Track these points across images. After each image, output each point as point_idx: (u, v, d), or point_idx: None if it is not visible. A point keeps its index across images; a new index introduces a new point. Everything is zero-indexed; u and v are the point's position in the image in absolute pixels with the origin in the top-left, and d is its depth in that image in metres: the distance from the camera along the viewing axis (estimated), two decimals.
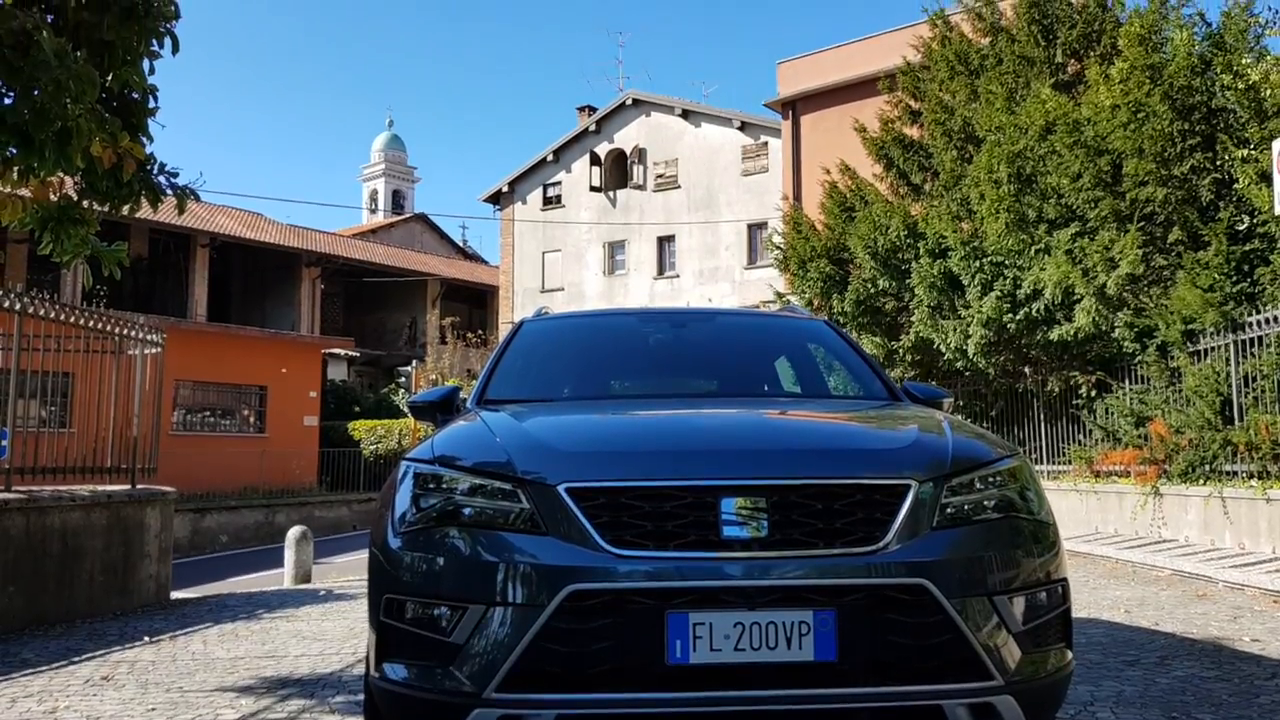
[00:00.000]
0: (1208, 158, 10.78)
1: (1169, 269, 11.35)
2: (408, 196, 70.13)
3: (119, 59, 4.40)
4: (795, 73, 24.70)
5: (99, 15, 4.26)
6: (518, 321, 4.63)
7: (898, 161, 16.21)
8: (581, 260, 32.55)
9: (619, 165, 32.08)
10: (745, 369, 4.41)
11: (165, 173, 5.02)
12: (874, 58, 21.51)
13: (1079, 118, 11.82)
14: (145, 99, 4.74)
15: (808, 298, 15.88)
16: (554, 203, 33.50)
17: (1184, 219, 11.04)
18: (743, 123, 28.89)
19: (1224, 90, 10.64)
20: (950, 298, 13.64)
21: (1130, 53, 11.32)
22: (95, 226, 5.09)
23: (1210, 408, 9.99)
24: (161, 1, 4.66)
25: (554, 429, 2.99)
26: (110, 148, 4.28)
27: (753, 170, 28.64)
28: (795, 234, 16.58)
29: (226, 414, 25.95)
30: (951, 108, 15.10)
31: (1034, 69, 14.22)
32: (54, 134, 3.96)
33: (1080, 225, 11.96)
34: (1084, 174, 11.72)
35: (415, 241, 48.25)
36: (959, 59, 15.36)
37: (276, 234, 34.81)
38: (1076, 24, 14.13)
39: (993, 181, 12.85)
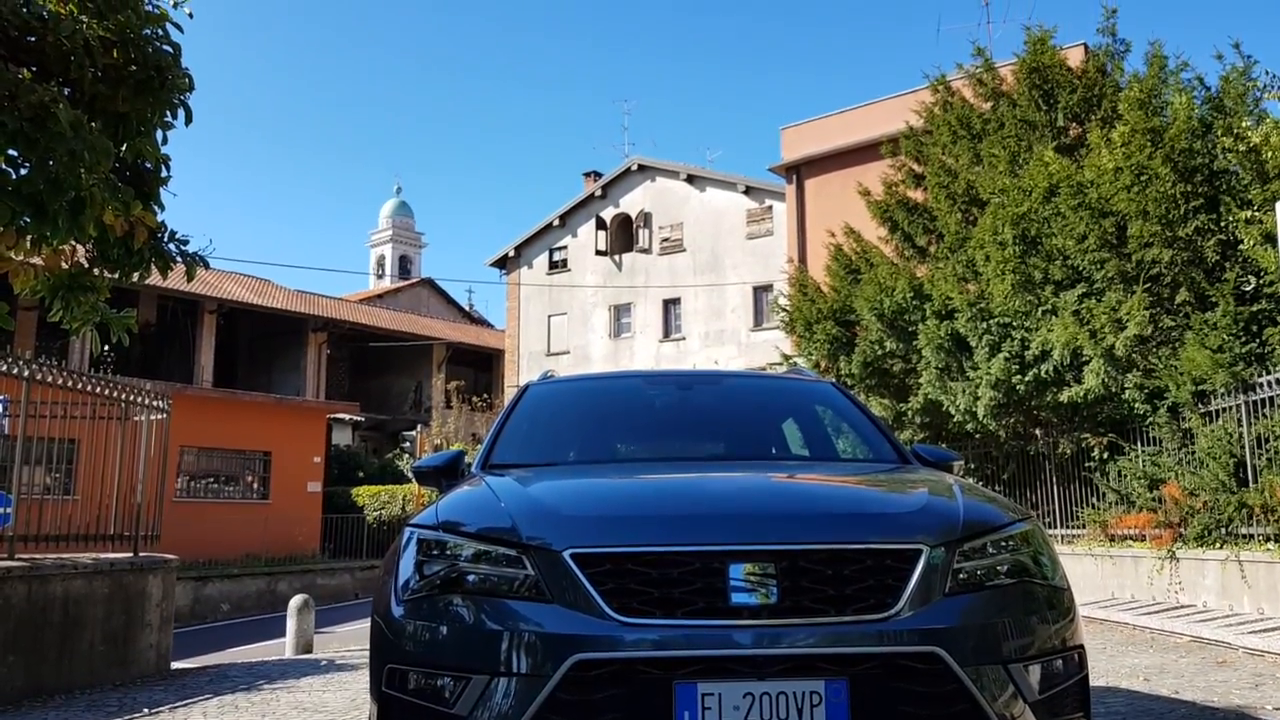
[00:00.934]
0: (1212, 219, 10.84)
1: (1177, 330, 11.33)
2: (415, 262, 70.73)
3: (133, 130, 4.47)
4: (799, 137, 25.03)
5: (115, 89, 4.34)
6: (523, 385, 4.62)
7: (902, 224, 16.33)
8: (587, 323, 32.67)
9: (624, 229, 32.37)
10: (752, 432, 4.37)
11: (175, 240, 5.08)
12: (876, 123, 21.80)
13: (1082, 180, 11.92)
14: (158, 168, 4.81)
15: (814, 359, 15.87)
16: (560, 267, 33.74)
17: (1190, 280, 11.06)
18: (747, 187, 29.20)
19: (1225, 153, 10.74)
20: (958, 359, 13.62)
21: (1131, 116, 11.45)
22: (105, 293, 5.13)
23: (1224, 470, 9.89)
24: (176, 75, 4.76)
25: (559, 493, 2.96)
26: (122, 216, 4.33)
27: (757, 233, 28.86)
28: (801, 296, 16.64)
29: (230, 480, 25.84)
30: (954, 171, 15.25)
31: (1036, 133, 14.38)
32: (67, 203, 4.01)
33: (1087, 286, 11.98)
34: (1089, 235, 11.77)
35: (422, 306, 48.52)
36: (961, 123, 15.56)
37: (284, 299, 35.05)
38: (1077, 89, 14.33)
39: (998, 243, 12.92)
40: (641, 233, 31.55)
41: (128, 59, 4.75)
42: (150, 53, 4.78)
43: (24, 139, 4.11)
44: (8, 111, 4.13)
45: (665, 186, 31.36)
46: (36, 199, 4.12)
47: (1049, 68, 14.55)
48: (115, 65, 4.73)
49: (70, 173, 4.01)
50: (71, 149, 4.05)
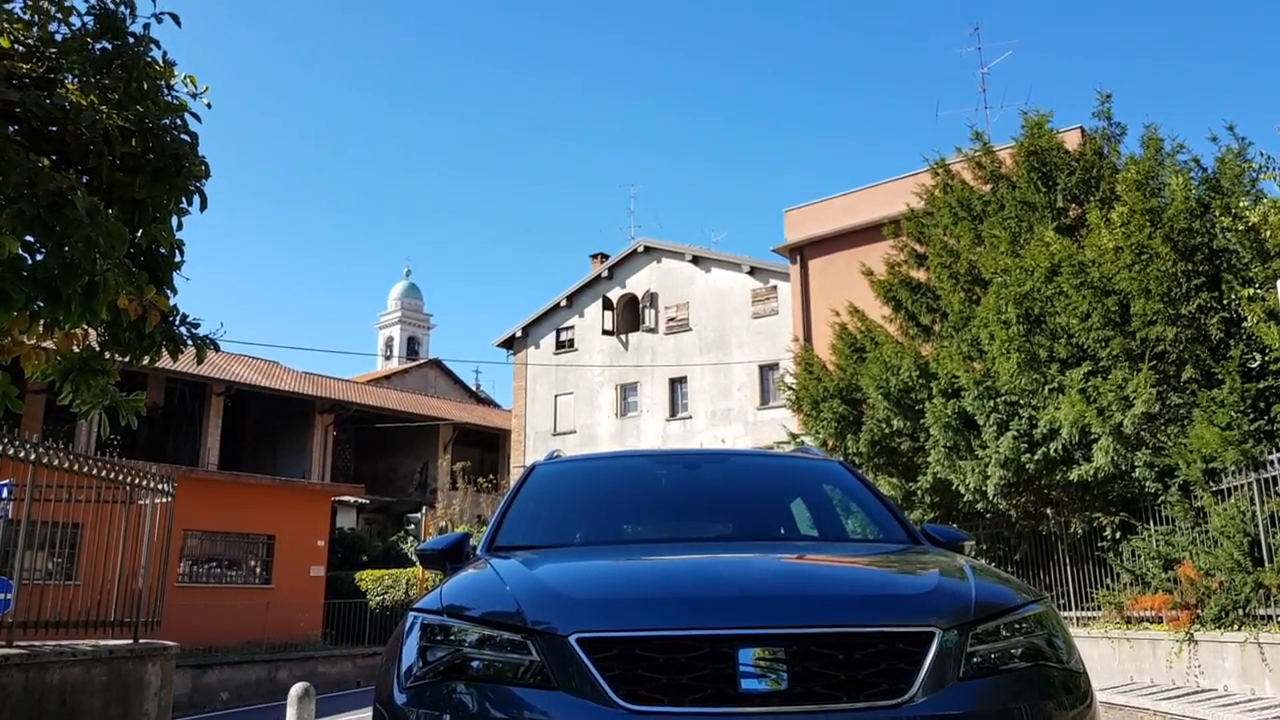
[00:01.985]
0: (1214, 297, 10.90)
1: (1185, 407, 11.30)
2: (423, 342, 71.12)
3: (149, 216, 4.56)
4: (802, 219, 25.35)
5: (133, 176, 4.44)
6: (529, 465, 4.60)
7: (906, 303, 16.42)
8: (594, 403, 32.67)
9: (631, 309, 32.59)
10: (760, 511, 4.34)
11: (187, 324, 5.13)
12: (878, 205, 22.10)
13: (1083, 259, 12.02)
14: (171, 253, 4.89)
15: (822, 438, 15.81)
16: (567, 346, 33.89)
17: (1195, 357, 11.07)
18: (752, 267, 29.48)
19: (1224, 232, 10.86)
20: (966, 438, 13.56)
21: (1129, 197, 11.61)
22: (115, 377, 5.16)
23: (1238, 549, 9.76)
24: (192, 162, 4.87)
25: (565, 576, 2.93)
26: (136, 300, 4.38)
27: (763, 313, 29.04)
28: (807, 374, 16.66)
29: (233, 564, 25.60)
30: (956, 251, 15.40)
31: (1036, 213, 14.56)
32: (81, 288, 4.07)
33: (1092, 364, 11.99)
34: (1092, 314, 11.83)
35: (429, 387, 48.61)
36: (961, 205, 15.77)
37: (291, 381, 35.18)
38: (1075, 171, 14.55)
39: (1001, 322, 12.97)
40: (648, 313, 31.76)
41: (146, 148, 4.86)
42: (168, 141, 4.89)
43: (41, 225, 4.19)
44: (26, 199, 4.22)
45: (671, 267, 31.69)
46: (51, 284, 4.18)
47: (1047, 150, 14.80)
48: (133, 153, 4.84)
49: (85, 258, 4.07)
50: (87, 234, 4.12)
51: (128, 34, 5.18)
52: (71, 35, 5.12)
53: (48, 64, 5.01)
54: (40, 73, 4.96)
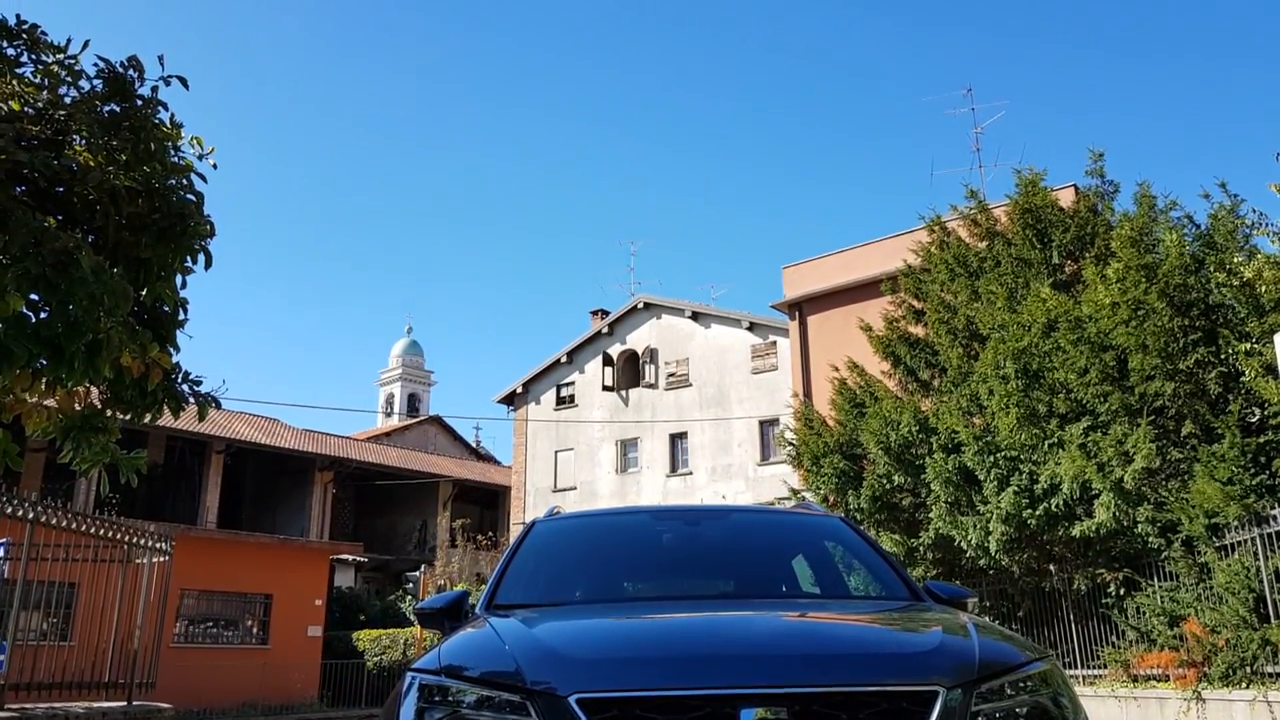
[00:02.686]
0: (1211, 352, 10.93)
1: (1185, 462, 11.28)
2: (423, 399, 71.11)
3: (154, 275, 4.60)
4: (800, 276, 25.52)
5: (138, 235, 4.49)
6: (529, 522, 4.58)
7: (904, 359, 16.47)
8: (594, 459, 32.56)
9: (631, 365, 32.65)
10: (761, 568, 4.32)
11: (189, 381, 5.15)
12: (875, 261, 22.27)
13: (1080, 315, 12.09)
14: (175, 311, 4.93)
15: (823, 494, 15.74)
16: (567, 402, 33.87)
17: (1195, 412, 11.07)
18: (751, 323, 29.60)
19: (1220, 287, 10.93)
20: (967, 493, 13.50)
21: (1124, 254, 11.71)
22: (116, 434, 5.17)
23: (1244, 605, 9.67)
24: (198, 221, 4.93)
25: (565, 635, 2.91)
26: (139, 359, 4.41)
27: (762, 368, 29.08)
28: (807, 430, 16.64)
29: (230, 624, 25.27)
30: (954, 307, 15.48)
31: (1032, 270, 14.67)
32: (85, 346, 4.09)
33: (1091, 419, 11.99)
34: (1090, 369, 11.86)
35: (429, 443, 48.48)
36: (958, 261, 15.89)
37: (291, 439, 35.10)
38: (1069, 228, 14.68)
39: (1000, 377, 13.00)
40: (648, 368, 31.81)
41: (152, 207, 4.93)
42: (174, 201, 4.96)
43: (46, 283, 4.23)
44: (32, 258, 4.26)
45: (671, 323, 31.81)
46: (54, 341, 4.21)
47: (1042, 208, 14.96)
48: (139, 213, 4.90)
49: (89, 316, 4.11)
50: (91, 292, 4.16)
51: (136, 97, 5.29)
52: (80, 98, 5.22)
53: (56, 126, 5.10)
54: (49, 134, 5.05)
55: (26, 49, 5.19)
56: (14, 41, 5.17)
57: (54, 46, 5.23)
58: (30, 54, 5.20)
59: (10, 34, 5.16)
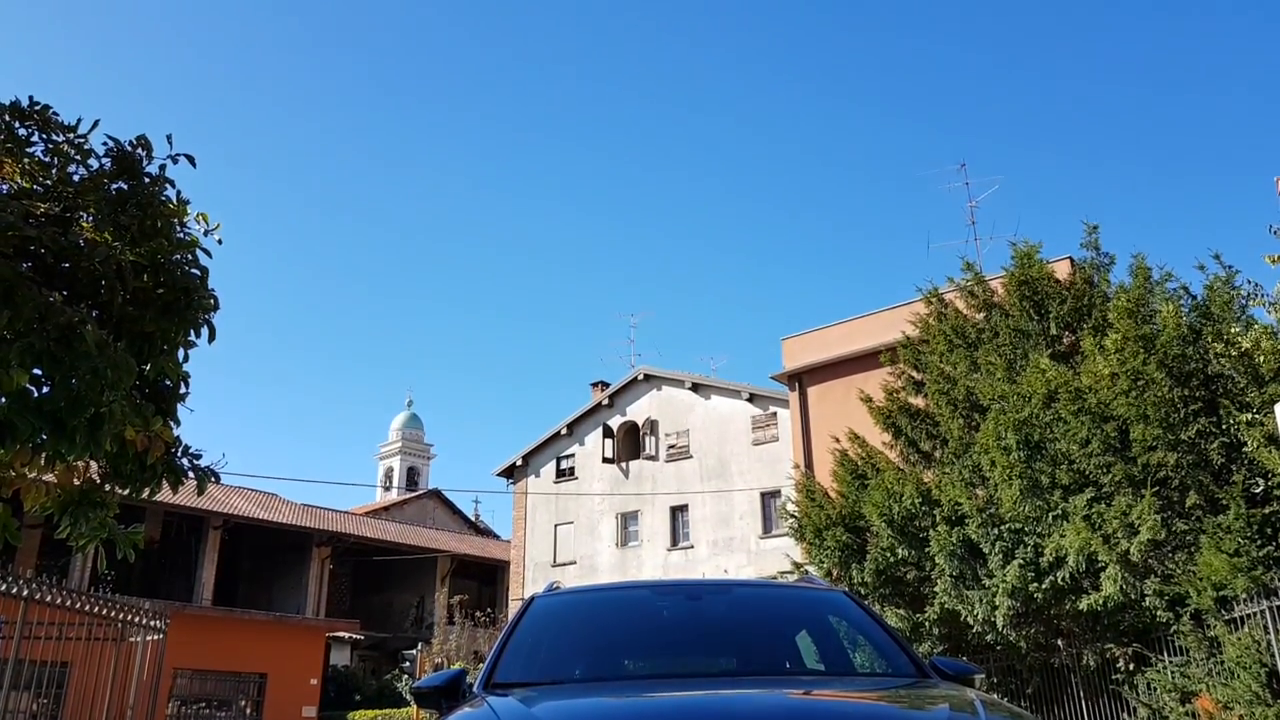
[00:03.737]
0: (1212, 422, 10.92)
1: (1191, 533, 11.18)
2: (422, 473, 70.74)
3: (157, 349, 4.63)
4: (799, 347, 25.61)
5: (143, 310, 4.53)
6: (528, 597, 4.53)
7: (905, 430, 16.43)
8: (594, 532, 32.27)
9: (631, 437, 32.56)
10: (764, 645, 4.25)
11: (189, 455, 5.14)
12: (874, 332, 22.37)
13: (1080, 386, 12.10)
14: (177, 385, 4.94)
15: (826, 567, 15.55)
16: (567, 475, 33.70)
17: (1198, 483, 11.01)
18: (751, 394, 29.61)
19: (1218, 357, 10.97)
20: (972, 566, 13.35)
21: (1121, 325, 11.77)
22: (114, 510, 5.14)
23: (1256, 680, 9.50)
24: (201, 295, 4.98)
25: (565, 715, 2.85)
26: (142, 433, 4.41)
27: (763, 440, 29.00)
28: (809, 502, 16.52)
29: (223, 705, 24.78)
30: (953, 378, 15.50)
31: (1030, 341, 14.73)
32: (87, 420, 4.10)
33: (1095, 490, 11.92)
34: (1092, 440, 11.83)
35: (428, 518, 48.10)
36: (956, 333, 15.96)
37: (289, 514, 34.84)
38: (1066, 299, 14.78)
39: (1002, 448, 12.95)
40: (648, 440, 31.72)
41: (157, 282, 4.98)
42: (179, 276, 5.02)
43: (50, 358, 4.25)
44: (36, 333, 4.30)
45: (671, 395, 31.82)
46: (57, 415, 4.21)
47: (1038, 280, 15.08)
48: (144, 288, 4.95)
49: (92, 390, 4.12)
50: (95, 367, 4.17)
51: (144, 174, 5.38)
52: (89, 175, 5.32)
53: (65, 203, 5.19)
54: (57, 211, 5.13)
55: (38, 129, 5.31)
56: (25, 122, 5.29)
57: (64, 126, 5.35)
58: (41, 133, 5.31)
59: (22, 114, 5.28)
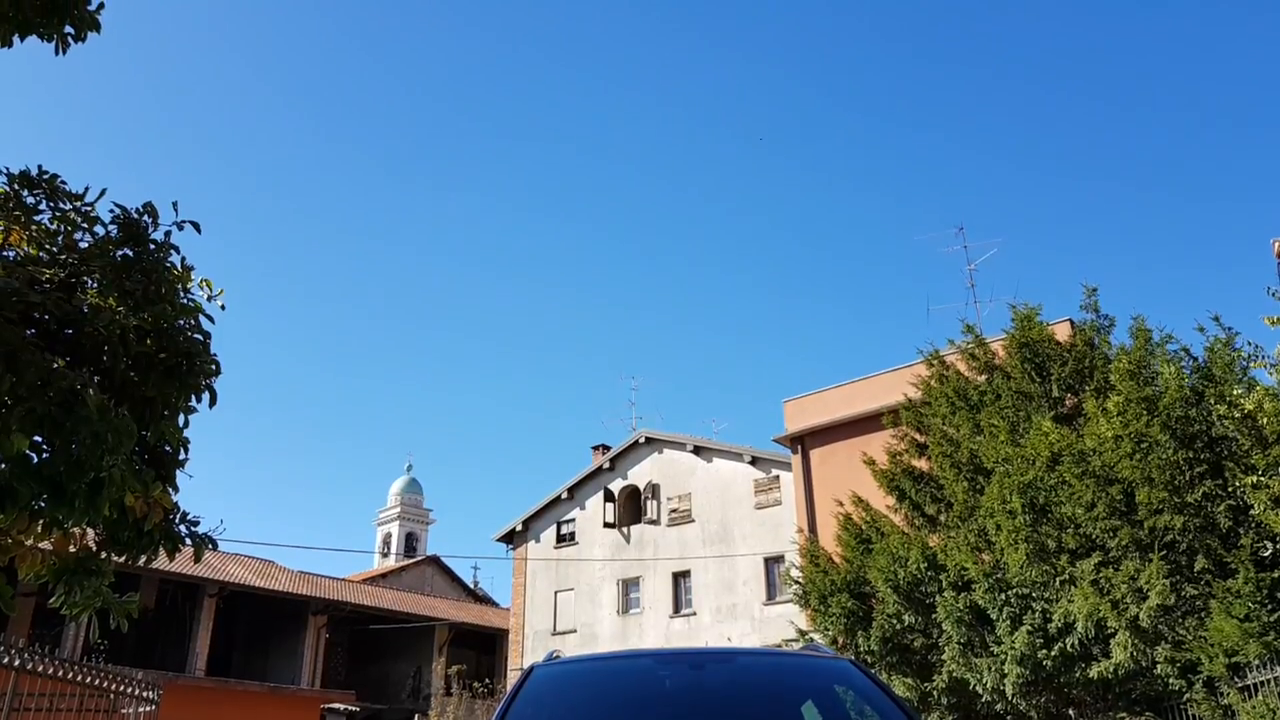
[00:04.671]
0: (1218, 484, 10.85)
1: (1200, 598, 11.03)
2: (421, 539, 70.14)
3: (159, 413, 4.61)
4: (801, 410, 25.57)
5: (145, 375, 4.53)
6: (527, 667, 4.44)
7: (909, 493, 16.31)
8: (595, 599, 31.85)
9: (633, 501, 32.33)
10: (769, 715, 4.15)
11: (186, 521, 5.09)
12: (876, 395, 22.36)
13: (1083, 448, 12.05)
14: (177, 450, 4.91)
15: (831, 635, 15.32)
16: (568, 540, 33.39)
17: (1206, 546, 10.90)
18: (753, 457, 29.47)
19: (1221, 419, 10.94)
20: (980, 633, 13.15)
21: (1123, 386, 11.77)
22: (110, 577, 5.07)
23: None
24: (204, 360, 4.98)
25: None
26: (142, 498, 4.38)
27: (766, 503, 28.79)
28: (813, 567, 16.33)
29: None
30: (956, 440, 15.44)
31: (1032, 403, 14.70)
32: (86, 485, 4.07)
33: (1102, 555, 11.79)
34: (1097, 503, 11.73)
35: (426, 584, 47.57)
36: (958, 395, 15.94)
37: (286, 581, 34.46)
38: (1068, 361, 14.80)
39: (1007, 512, 12.85)
40: (650, 504, 31.49)
41: (160, 347, 4.99)
42: (182, 341, 5.02)
43: (51, 422, 4.24)
44: (38, 397, 4.29)
45: (672, 458, 31.68)
46: (56, 480, 4.18)
47: (1038, 342, 15.12)
48: (147, 352, 4.96)
49: (92, 454, 4.10)
50: (95, 431, 4.16)
51: (150, 241, 5.43)
52: (95, 242, 5.36)
53: (70, 269, 5.22)
54: (62, 277, 5.15)
55: (46, 197, 5.37)
56: (34, 190, 5.35)
57: (72, 194, 5.41)
58: (49, 201, 5.37)
59: (31, 183, 5.35)
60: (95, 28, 5.17)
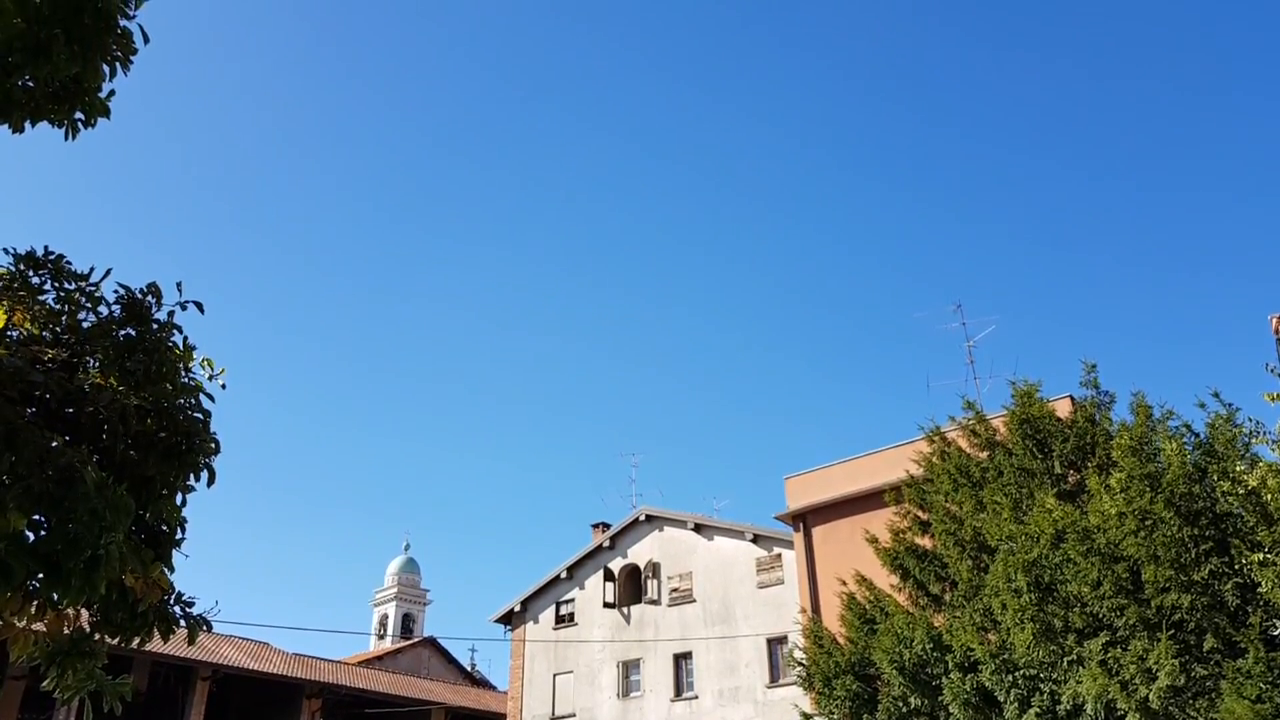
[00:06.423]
0: (1225, 562, 10.74)
1: (1210, 678, 10.83)
2: (418, 620, 69.06)
3: (157, 493, 4.59)
4: (803, 487, 25.41)
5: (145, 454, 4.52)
6: None
7: (913, 571, 16.12)
8: (595, 682, 31.21)
9: (633, 580, 31.90)
10: None
11: (181, 602, 5.03)
12: (879, 471, 22.24)
13: (1088, 525, 11.96)
14: (174, 529, 4.88)
15: (836, 718, 15.00)
16: (566, 621, 32.86)
17: (1215, 625, 10.75)
18: (755, 535, 29.16)
19: (1225, 495, 10.88)
20: (988, 715, 12.88)
21: (1126, 463, 11.73)
22: (104, 659, 4.99)
23: None
24: (203, 439, 4.98)
25: None
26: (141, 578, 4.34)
27: (768, 582, 28.40)
28: (817, 648, 16.07)
29: None
30: (959, 518, 15.32)
31: (1035, 479, 14.63)
32: (83, 562, 4.03)
33: (1110, 634, 11.61)
34: (1103, 581, 11.60)
35: (422, 666, 46.68)
36: (960, 471, 15.87)
37: (281, 664, 33.85)
38: (1069, 437, 14.76)
39: (1012, 590, 12.69)
40: (650, 583, 31.06)
41: (160, 425, 4.99)
42: (182, 420, 5.03)
43: (49, 500, 4.22)
44: (36, 475, 4.27)
45: (673, 536, 31.36)
46: (52, 559, 4.14)
47: (1039, 418, 15.10)
48: (147, 431, 4.96)
49: (89, 531, 4.07)
50: (93, 508, 4.13)
51: (152, 320, 5.47)
52: (98, 322, 5.40)
53: (72, 349, 5.25)
54: (64, 357, 5.19)
55: (50, 277, 5.43)
56: (39, 270, 5.41)
57: (76, 275, 5.47)
58: (53, 281, 5.43)
59: (37, 264, 5.41)
60: (105, 113, 5.23)
